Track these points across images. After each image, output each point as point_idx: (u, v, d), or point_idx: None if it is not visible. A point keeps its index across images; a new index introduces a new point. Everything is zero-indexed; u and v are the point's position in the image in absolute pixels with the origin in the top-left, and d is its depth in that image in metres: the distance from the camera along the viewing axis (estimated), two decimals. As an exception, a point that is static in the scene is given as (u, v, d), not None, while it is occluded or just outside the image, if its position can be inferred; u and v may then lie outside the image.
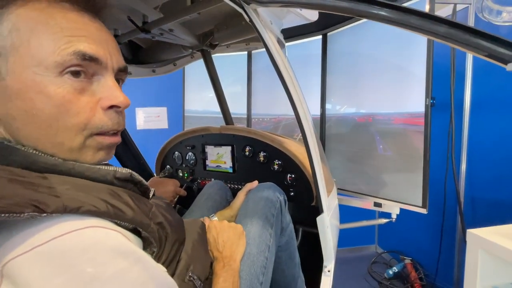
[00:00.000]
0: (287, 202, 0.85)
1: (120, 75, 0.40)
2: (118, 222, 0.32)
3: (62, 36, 0.32)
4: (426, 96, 1.04)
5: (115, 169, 0.38)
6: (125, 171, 0.38)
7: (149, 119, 2.60)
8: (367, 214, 1.73)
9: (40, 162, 0.32)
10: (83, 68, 0.34)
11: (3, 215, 0.23)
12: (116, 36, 0.83)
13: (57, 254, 0.25)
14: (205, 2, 0.67)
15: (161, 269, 0.34)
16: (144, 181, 0.41)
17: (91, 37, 0.35)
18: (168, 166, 1.37)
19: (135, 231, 0.34)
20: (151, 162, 1.41)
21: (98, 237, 0.28)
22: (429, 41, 1.03)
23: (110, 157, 0.39)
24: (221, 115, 1.36)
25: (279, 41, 0.71)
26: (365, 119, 1.30)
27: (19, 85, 0.31)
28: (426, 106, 1.04)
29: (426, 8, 1.02)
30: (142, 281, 0.29)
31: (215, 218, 0.75)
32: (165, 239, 0.40)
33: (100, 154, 0.37)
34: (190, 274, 0.45)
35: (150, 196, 0.44)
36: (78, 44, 0.33)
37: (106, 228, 0.30)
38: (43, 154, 0.33)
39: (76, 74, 0.33)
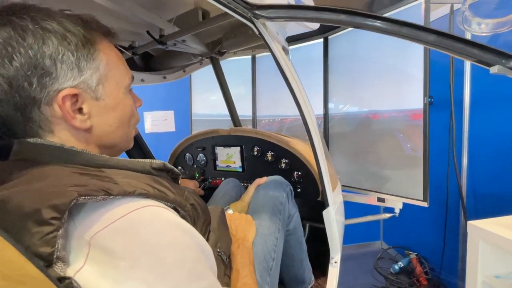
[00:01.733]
0: (293, 192, 0.92)
1: None
2: (163, 202, 0.39)
3: (122, 64, 0.45)
4: (424, 95, 1.10)
5: (151, 160, 0.44)
6: (159, 161, 0.45)
7: (157, 123, 2.66)
8: (373, 211, 1.78)
9: (95, 159, 0.40)
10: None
11: (87, 197, 0.31)
12: (132, 47, 0.91)
13: (128, 227, 0.32)
14: (217, 18, 0.74)
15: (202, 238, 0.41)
16: (175, 169, 0.48)
17: None
18: (180, 167, 1.44)
19: (175, 210, 0.41)
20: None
21: (154, 213, 0.36)
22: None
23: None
24: (227, 117, 1.42)
25: (284, 49, 0.77)
26: (381, 115, 1.33)
27: (115, 102, 0.44)
28: (425, 104, 1.10)
29: (422, 9, 1.07)
30: (191, 246, 0.36)
31: (230, 211, 0.82)
32: (197, 218, 0.46)
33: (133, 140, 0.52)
34: (218, 250, 0.52)
35: (179, 183, 0.51)
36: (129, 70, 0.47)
37: (158, 206, 0.37)
38: (96, 154, 0.41)
39: (130, 91, 0.48)
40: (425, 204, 1.12)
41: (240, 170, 1.19)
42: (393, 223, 2.19)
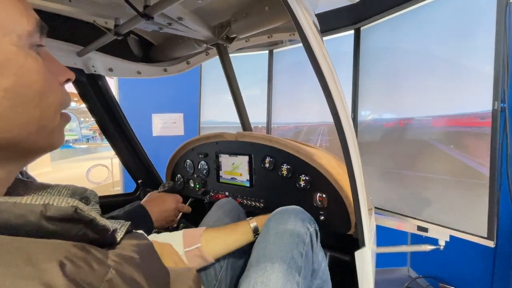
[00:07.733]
0: (319, 234, 0.67)
1: None
2: None
3: (20, 3, 0.27)
4: (494, 99, 0.83)
5: (46, 202, 0.22)
6: (64, 203, 0.22)
7: (166, 125, 2.52)
8: (397, 235, 1.48)
9: None
10: (41, 41, 0.29)
11: None
12: (116, 26, 0.71)
13: None
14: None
15: None
16: (98, 219, 0.24)
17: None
18: (179, 175, 1.24)
19: None
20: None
21: None
22: (499, 29, 0.82)
23: None
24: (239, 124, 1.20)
25: (315, 25, 0.55)
26: (426, 122, 1.06)
27: None
28: (494, 111, 0.83)
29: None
30: None
31: (254, 223, 0.66)
32: None
33: (63, 135, 0.32)
34: None
35: (118, 239, 0.29)
36: (33, 13, 0.28)
37: None
38: None
39: (38, 47, 0.29)
40: (490, 244, 0.84)
41: (248, 185, 0.97)
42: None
